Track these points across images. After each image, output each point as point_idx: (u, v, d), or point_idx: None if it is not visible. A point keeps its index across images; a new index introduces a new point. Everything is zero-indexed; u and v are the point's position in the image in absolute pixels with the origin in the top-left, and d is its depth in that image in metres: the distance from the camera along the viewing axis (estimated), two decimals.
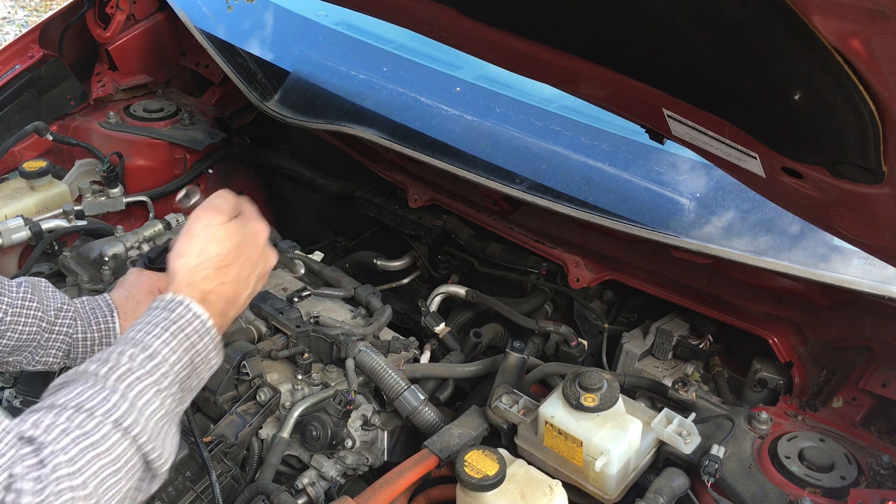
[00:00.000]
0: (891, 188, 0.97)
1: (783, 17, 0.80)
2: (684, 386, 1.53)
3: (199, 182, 2.50)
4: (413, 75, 2.20)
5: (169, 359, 1.04)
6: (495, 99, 2.07)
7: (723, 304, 1.77)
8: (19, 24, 6.23)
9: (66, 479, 0.90)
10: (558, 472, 1.43)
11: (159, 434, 1.01)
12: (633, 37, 1.04)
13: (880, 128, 0.88)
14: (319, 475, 1.54)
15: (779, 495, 1.32)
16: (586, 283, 1.90)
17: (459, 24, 1.30)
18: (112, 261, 1.89)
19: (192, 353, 1.08)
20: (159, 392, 1.01)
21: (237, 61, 2.37)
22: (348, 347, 1.64)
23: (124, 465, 0.97)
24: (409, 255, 2.25)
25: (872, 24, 0.74)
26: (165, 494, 1.41)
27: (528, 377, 1.65)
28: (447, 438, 1.46)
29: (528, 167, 1.88)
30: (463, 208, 2.10)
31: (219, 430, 1.52)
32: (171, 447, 1.04)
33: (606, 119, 1.91)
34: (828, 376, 1.65)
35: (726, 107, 1.06)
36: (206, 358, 1.10)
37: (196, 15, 2.47)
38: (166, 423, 1.03)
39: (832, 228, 1.22)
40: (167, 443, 1.03)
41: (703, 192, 1.74)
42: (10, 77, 2.29)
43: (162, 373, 1.03)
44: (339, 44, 2.38)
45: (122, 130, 2.41)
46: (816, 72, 0.85)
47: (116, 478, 0.95)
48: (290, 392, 1.64)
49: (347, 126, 2.09)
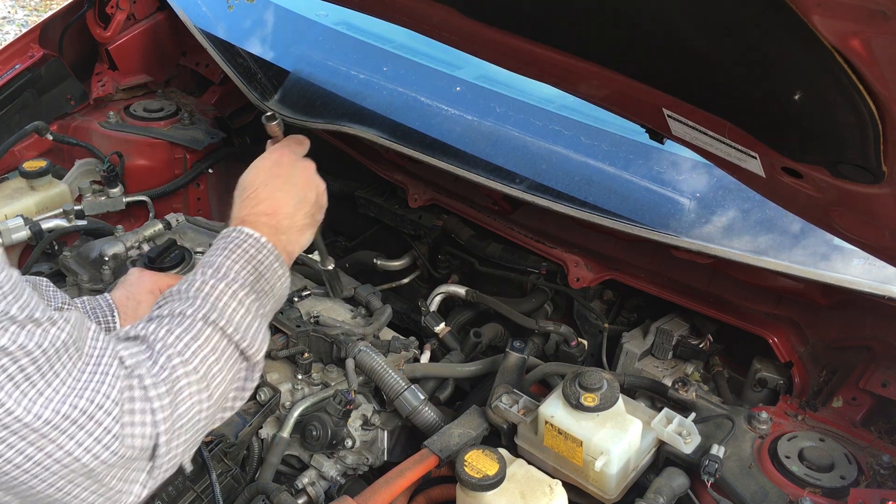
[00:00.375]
0: (891, 188, 0.97)
1: (783, 17, 0.80)
2: (684, 386, 1.53)
3: (199, 182, 2.50)
4: (413, 75, 2.20)
5: (233, 268, 1.16)
6: (495, 99, 2.07)
7: (723, 304, 1.77)
8: (19, 24, 6.23)
9: (181, 366, 1.03)
10: (558, 471, 1.43)
11: (245, 327, 1.13)
12: (633, 37, 1.04)
13: (880, 128, 0.88)
14: (319, 475, 1.54)
15: (779, 495, 1.32)
16: (586, 282, 1.90)
17: (459, 24, 1.30)
18: (112, 260, 1.89)
19: (254, 263, 1.18)
20: (234, 294, 1.13)
21: (237, 61, 2.37)
22: (348, 347, 1.64)
23: (222, 353, 1.09)
24: (409, 255, 2.25)
25: (872, 24, 0.74)
26: (166, 494, 1.41)
27: (528, 377, 1.65)
28: (447, 438, 1.46)
29: (528, 167, 1.88)
30: (463, 208, 2.10)
31: (219, 429, 1.52)
32: (261, 340, 1.16)
33: (606, 119, 1.91)
34: (828, 376, 1.65)
35: (726, 107, 1.06)
36: (269, 266, 1.20)
37: (196, 15, 2.47)
38: (250, 319, 1.14)
39: (832, 228, 1.22)
40: (257, 336, 1.15)
41: (703, 192, 1.74)
42: (10, 77, 2.29)
43: (231, 278, 1.15)
44: (339, 44, 2.38)
45: (122, 130, 2.41)
46: (816, 72, 0.85)
47: (219, 365, 1.08)
48: (290, 392, 1.64)
49: (347, 126, 2.08)
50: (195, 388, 1.05)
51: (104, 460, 0.92)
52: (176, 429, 1.02)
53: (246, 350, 1.13)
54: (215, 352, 1.09)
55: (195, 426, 1.07)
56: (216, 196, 2.58)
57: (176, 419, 1.01)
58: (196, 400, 1.05)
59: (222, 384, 1.10)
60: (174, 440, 1.02)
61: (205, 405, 1.07)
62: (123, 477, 0.97)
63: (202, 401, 1.06)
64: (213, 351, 1.08)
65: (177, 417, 1.01)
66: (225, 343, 1.10)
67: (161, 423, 0.98)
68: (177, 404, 1.02)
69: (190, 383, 1.04)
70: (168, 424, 1.00)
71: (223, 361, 1.10)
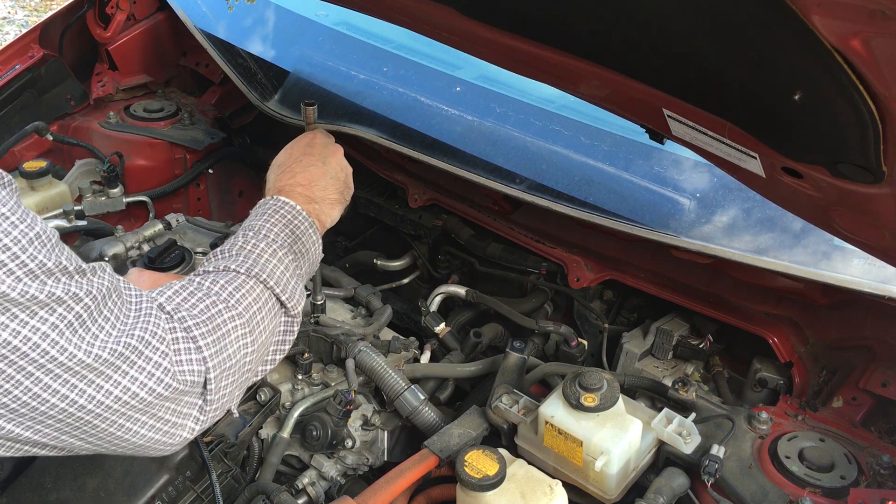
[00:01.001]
0: (891, 188, 0.97)
1: (783, 17, 0.80)
2: (684, 386, 1.53)
3: (200, 182, 2.50)
4: (413, 75, 2.20)
5: (272, 230, 1.27)
6: (495, 99, 2.07)
7: (723, 304, 1.77)
8: (19, 24, 6.22)
9: (226, 311, 1.12)
10: (558, 471, 1.43)
11: (284, 282, 1.23)
12: (633, 37, 1.04)
13: (880, 128, 0.88)
14: (320, 475, 1.54)
15: (779, 495, 1.32)
16: (586, 282, 1.90)
17: (459, 24, 1.30)
18: (112, 261, 1.89)
19: (290, 227, 1.29)
20: (274, 252, 1.24)
21: (237, 61, 2.37)
22: (348, 347, 1.64)
23: (265, 304, 1.19)
24: (409, 255, 2.25)
25: (872, 24, 0.74)
26: (166, 494, 1.41)
27: (529, 377, 1.65)
28: (447, 438, 1.46)
29: (528, 167, 1.88)
30: (463, 208, 2.10)
31: (219, 429, 1.52)
32: (299, 294, 1.26)
33: (606, 119, 1.91)
34: (828, 376, 1.65)
35: (726, 107, 1.06)
36: (304, 231, 1.31)
37: (196, 15, 2.47)
38: (289, 275, 1.24)
39: (832, 228, 1.22)
40: (295, 291, 1.25)
41: (703, 192, 1.75)
42: (10, 77, 2.29)
43: (271, 239, 1.25)
44: (339, 44, 2.38)
45: (122, 130, 2.41)
46: (816, 72, 0.85)
47: (262, 314, 1.18)
48: (290, 392, 1.64)
49: (347, 126, 2.08)
50: (240, 331, 1.13)
51: (158, 394, 0.99)
52: (225, 368, 1.10)
53: (286, 302, 1.23)
54: (258, 301, 1.18)
55: (242, 369, 1.15)
56: (216, 196, 2.58)
57: (224, 359, 1.09)
58: (242, 344, 1.14)
59: (265, 332, 1.19)
60: (223, 379, 1.10)
61: (250, 349, 1.15)
62: (178, 412, 1.05)
63: (247, 345, 1.15)
64: (256, 301, 1.18)
65: (225, 357, 1.10)
66: (267, 294, 1.20)
67: (209, 360, 1.07)
68: (224, 345, 1.10)
69: (235, 327, 1.12)
70: (216, 361, 1.08)
71: (266, 311, 1.19)
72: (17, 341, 0.85)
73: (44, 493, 1.42)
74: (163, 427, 1.04)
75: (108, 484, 1.41)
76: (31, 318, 0.86)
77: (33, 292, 0.85)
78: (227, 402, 1.15)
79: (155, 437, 1.04)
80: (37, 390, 0.88)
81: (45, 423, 0.93)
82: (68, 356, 0.89)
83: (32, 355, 0.86)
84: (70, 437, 0.97)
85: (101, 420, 0.96)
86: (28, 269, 0.85)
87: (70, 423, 0.94)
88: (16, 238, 0.85)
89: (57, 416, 0.92)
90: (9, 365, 0.85)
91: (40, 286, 0.86)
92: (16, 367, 0.86)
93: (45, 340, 0.87)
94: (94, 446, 1.01)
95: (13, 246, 0.84)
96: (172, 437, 1.06)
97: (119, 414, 0.97)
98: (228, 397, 1.14)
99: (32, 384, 0.88)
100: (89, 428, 0.96)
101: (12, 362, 0.85)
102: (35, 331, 0.86)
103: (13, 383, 0.87)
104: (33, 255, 0.86)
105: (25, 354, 0.86)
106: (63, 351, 0.88)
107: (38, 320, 0.86)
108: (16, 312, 0.84)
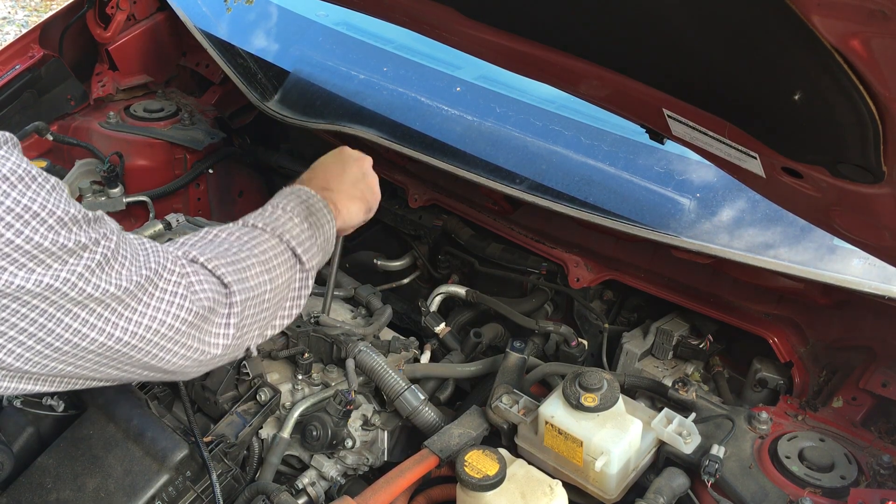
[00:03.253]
0: (891, 188, 0.97)
1: (783, 17, 0.80)
2: (684, 386, 1.53)
3: (200, 182, 2.50)
4: (413, 75, 2.20)
5: (287, 205, 1.35)
6: (495, 99, 2.07)
7: (723, 304, 1.77)
8: (19, 24, 6.22)
9: (241, 251, 1.21)
10: (558, 471, 1.43)
11: (300, 238, 1.31)
12: (633, 37, 1.04)
13: (880, 128, 0.88)
14: (320, 475, 1.54)
15: (779, 495, 1.32)
16: (586, 282, 1.90)
17: (459, 24, 1.30)
18: None
19: (305, 204, 1.37)
20: (290, 218, 1.32)
21: (237, 61, 2.37)
22: (348, 347, 1.64)
23: (281, 254, 1.27)
24: (409, 255, 2.25)
25: (872, 24, 0.74)
26: (166, 494, 1.41)
27: (529, 377, 1.65)
28: (447, 438, 1.46)
29: (528, 167, 1.88)
30: (463, 208, 2.10)
31: (219, 429, 1.52)
32: (314, 252, 1.34)
33: (606, 119, 1.91)
34: (828, 376, 1.65)
35: (726, 107, 1.06)
36: (318, 209, 1.38)
37: (196, 15, 2.47)
38: (305, 235, 1.32)
39: (832, 228, 1.22)
40: (311, 249, 1.33)
41: (703, 192, 1.74)
42: (10, 77, 2.28)
43: (287, 209, 1.34)
44: (339, 44, 2.38)
45: (122, 130, 2.40)
46: (816, 72, 0.85)
47: (278, 261, 1.26)
48: (290, 392, 1.64)
49: (347, 126, 2.09)
50: (259, 268, 1.21)
51: (183, 318, 1.08)
52: (247, 299, 1.18)
53: (301, 256, 1.30)
54: (274, 249, 1.26)
55: (262, 305, 1.22)
56: (216, 196, 2.58)
57: (246, 290, 1.17)
58: (261, 280, 1.21)
59: (281, 277, 1.26)
60: (247, 310, 1.18)
61: (268, 287, 1.23)
62: (207, 331, 1.13)
63: (265, 283, 1.22)
64: (272, 248, 1.26)
65: (248, 289, 1.18)
66: (283, 247, 1.28)
67: (226, 277, 1.16)
68: (241, 269, 1.18)
69: (253, 264, 1.21)
70: (235, 277, 1.17)
71: (282, 260, 1.27)
72: (58, 283, 0.93)
73: (44, 494, 1.42)
74: (194, 345, 1.11)
75: (108, 484, 1.41)
76: (63, 266, 0.94)
77: (62, 241, 0.93)
78: (249, 338, 1.23)
79: (186, 353, 1.11)
80: (77, 326, 0.97)
81: (86, 357, 1.01)
82: (102, 291, 0.97)
83: (72, 294, 0.94)
84: (110, 368, 1.06)
85: (137, 350, 1.05)
86: (58, 217, 0.93)
87: (109, 355, 1.03)
88: (45, 196, 0.93)
89: (96, 350, 1.01)
90: (50, 305, 0.94)
91: (68, 235, 0.94)
92: (56, 307, 0.94)
93: (82, 280, 0.95)
94: (131, 374, 1.10)
95: (38, 199, 0.92)
96: (203, 353, 1.13)
97: (147, 340, 1.05)
98: (250, 331, 1.21)
99: (72, 320, 0.96)
100: (126, 359, 1.05)
101: (53, 302, 0.94)
102: (74, 274, 0.94)
103: (55, 322, 0.95)
104: (60, 206, 0.94)
105: (65, 294, 0.94)
106: (97, 288, 0.97)
107: (75, 261, 0.95)
108: (49, 263, 0.92)
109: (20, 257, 0.90)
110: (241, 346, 1.21)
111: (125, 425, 1.49)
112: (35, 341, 0.96)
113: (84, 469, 1.44)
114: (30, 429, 1.58)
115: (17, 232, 0.89)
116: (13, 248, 0.89)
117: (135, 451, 1.44)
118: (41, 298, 0.93)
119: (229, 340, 1.16)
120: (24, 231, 0.90)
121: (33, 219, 0.90)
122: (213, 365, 1.18)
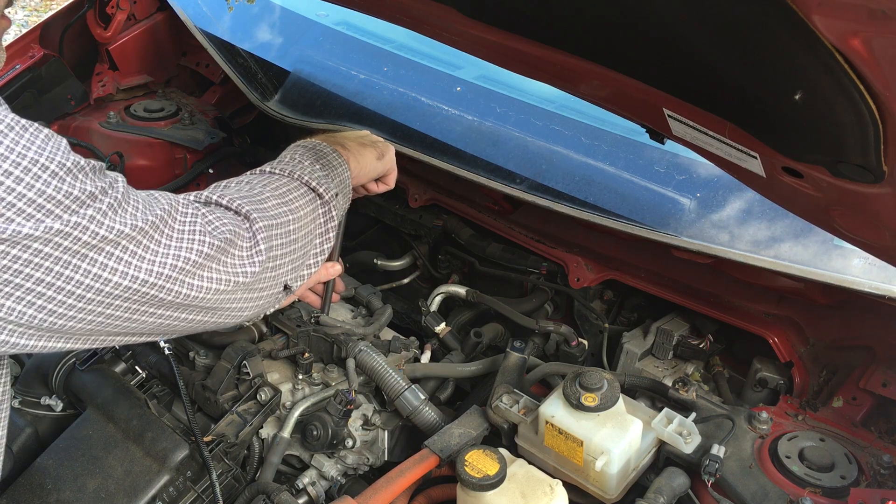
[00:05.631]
0: (891, 188, 0.97)
1: (783, 17, 0.80)
2: (684, 386, 1.53)
3: (200, 182, 2.50)
4: (413, 75, 2.20)
5: (296, 153, 1.40)
6: (495, 99, 2.07)
7: (723, 304, 1.77)
8: (19, 24, 6.22)
9: (256, 187, 1.26)
10: (559, 471, 1.43)
11: (315, 176, 1.34)
12: (633, 36, 1.04)
13: (881, 127, 0.88)
14: (320, 475, 1.54)
15: (779, 495, 1.32)
16: (587, 282, 1.90)
17: (459, 24, 1.30)
18: None
19: (314, 151, 1.42)
20: (301, 162, 1.36)
21: (237, 61, 2.37)
22: (349, 347, 1.64)
23: (297, 188, 1.31)
24: (409, 255, 2.25)
25: (872, 23, 0.74)
26: (166, 494, 1.41)
27: (529, 377, 1.65)
28: (447, 438, 1.46)
29: (528, 167, 1.88)
30: (463, 208, 2.10)
31: (219, 429, 1.52)
32: (330, 186, 1.37)
33: (607, 119, 1.91)
34: (828, 376, 1.65)
35: (727, 106, 1.06)
36: (328, 154, 1.43)
37: (196, 15, 2.47)
38: (318, 174, 1.36)
39: (832, 228, 1.22)
40: (326, 181, 1.36)
41: (703, 192, 1.74)
42: (10, 77, 2.29)
43: (298, 155, 1.39)
44: (340, 44, 2.38)
45: (122, 130, 2.40)
46: (817, 71, 0.85)
47: (295, 194, 1.30)
48: (290, 392, 1.64)
49: (347, 126, 2.08)
50: (276, 201, 1.24)
51: (204, 251, 1.08)
52: (270, 226, 1.19)
53: (318, 188, 1.33)
54: (288, 185, 1.30)
55: (289, 236, 1.24)
56: None
57: (268, 218, 1.19)
58: (281, 211, 1.23)
59: (302, 209, 1.28)
60: (273, 239, 1.20)
61: (290, 217, 1.25)
62: (230, 261, 1.13)
63: (286, 213, 1.24)
64: (286, 185, 1.30)
65: (268, 217, 1.20)
66: (297, 182, 1.32)
67: (243, 207, 1.18)
68: (263, 208, 1.20)
69: (269, 197, 1.24)
70: (257, 214, 1.19)
71: (299, 194, 1.30)
72: (68, 228, 0.92)
73: (44, 494, 1.42)
74: (223, 278, 1.12)
75: (109, 485, 1.41)
76: (74, 214, 0.93)
77: (67, 189, 0.92)
78: (283, 272, 1.24)
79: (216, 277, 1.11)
80: (96, 270, 0.96)
81: (113, 304, 1.01)
82: (116, 232, 0.97)
83: (84, 237, 0.94)
84: (144, 315, 1.06)
85: (161, 290, 1.04)
86: (66, 168, 0.93)
87: (143, 291, 1.02)
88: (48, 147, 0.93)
89: (121, 294, 1.00)
90: (65, 251, 0.93)
91: (82, 185, 0.94)
92: (71, 253, 0.94)
93: (94, 223, 0.95)
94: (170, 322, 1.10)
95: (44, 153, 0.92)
96: (235, 274, 1.13)
97: (168, 278, 1.04)
98: (282, 263, 1.23)
99: (90, 265, 0.96)
100: (155, 301, 1.05)
101: (67, 248, 0.93)
102: (86, 217, 0.94)
103: (72, 268, 0.94)
104: (59, 154, 0.94)
105: (78, 239, 0.94)
106: (110, 230, 0.97)
107: (84, 209, 0.94)
108: (59, 213, 0.91)
109: (26, 207, 0.88)
110: (277, 279, 1.22)
111: (125, 425, 1.49)
112: (55, 291, 0.94)
113: (84, 469, 1.43)
114: (28, 429, 1.58)
115: (18, 179, 0.88)
116: (16, 197, 0.87)
117: (135, 452, 1.44)
118: (54, 245, 0.91)
119: (257, 268, 1.16)
120: (25, 178, 0.88)
121: (34, 165, 0.89)
122: (258, 309, 1.20)
